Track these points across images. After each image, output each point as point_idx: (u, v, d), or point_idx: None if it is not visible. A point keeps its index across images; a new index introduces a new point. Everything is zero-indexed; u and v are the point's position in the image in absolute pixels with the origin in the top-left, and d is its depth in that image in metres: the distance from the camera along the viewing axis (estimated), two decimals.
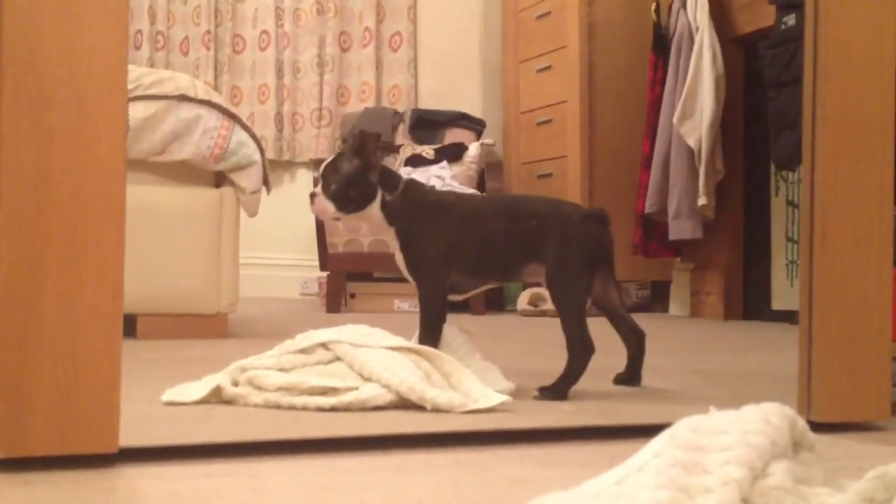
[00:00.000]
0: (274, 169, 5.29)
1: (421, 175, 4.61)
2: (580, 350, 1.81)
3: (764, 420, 0.78)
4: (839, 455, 1.34)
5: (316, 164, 4.99)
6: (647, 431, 1.44)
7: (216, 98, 3.07)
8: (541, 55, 4.91)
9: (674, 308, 4.51)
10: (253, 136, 3.07)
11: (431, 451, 1.31)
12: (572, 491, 0.78)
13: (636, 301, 4.62)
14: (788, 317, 3.69)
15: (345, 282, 4.46)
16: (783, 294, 4.01)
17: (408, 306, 4.32)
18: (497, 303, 4.70)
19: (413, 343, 1.79)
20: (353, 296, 4.50)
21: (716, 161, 4.05)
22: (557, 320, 1.85)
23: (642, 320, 2.03)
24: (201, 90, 3.04)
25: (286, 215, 5.20)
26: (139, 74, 2.97)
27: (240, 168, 3.02)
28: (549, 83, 4.84)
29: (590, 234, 1.87)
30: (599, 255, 1.88)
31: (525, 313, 4.30)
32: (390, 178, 1.99)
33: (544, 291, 2.58)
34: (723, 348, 3.07)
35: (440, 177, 4.56)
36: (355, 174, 1.95)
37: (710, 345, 3.20)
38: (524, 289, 4.40)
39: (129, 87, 2.78)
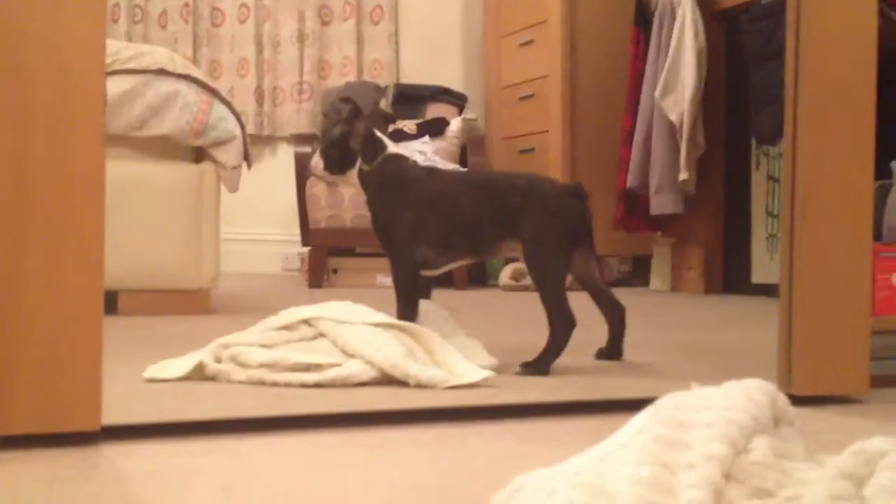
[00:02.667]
0: (255, 144, 5.23)
1: (403, 150, 4.59)
2: (561, 325, 1.81)
3: (746, 396, 0.79)
4: (820, 428, 1.35)
5: (297, 138, 4.96)
6: (630, 406, 1.45)
7: (195, 72, 3.04)
8: (522, 29, 4.89)
9: (654, 282, 4.53)
10: (233, 111, 3.04)
11: (413, 427, 1.31)
12: (554, 468, 0.79)
13: (617, 275, 4.64)
14: (768, 290, 3.71)
15: (327, 257, 4.45)
16: (763, 268, 4.03)
17: (390, 281, 4.31)
18: (479, 278, 4.71)
19: (395, 319, 1.79)
20: (335, 271, 4.49)
21: (697, 136, 4.05)
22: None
23: (623, 294, 2.04)
24: (180, 64, 3.01)
25: (267, 190, 5.17)
26: (117, 48, 2.93)
27: (220, 143, 3.00)
28: (531, 57, 4.82)
29: (568, 208, 1.87)
30: (578, 230, 1.89)
31: (507, 288, 4.31)
32: (372, 148, 2.00)
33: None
34: (703, 323, 3.09)
35: (422, 152, 4.54)
36: (338, 138, 2.02)
37: (691, 319, 3.22)
38: (506, 264, 4.41)
39: (107, 61, 2.75)
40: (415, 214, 1.95)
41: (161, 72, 2.92)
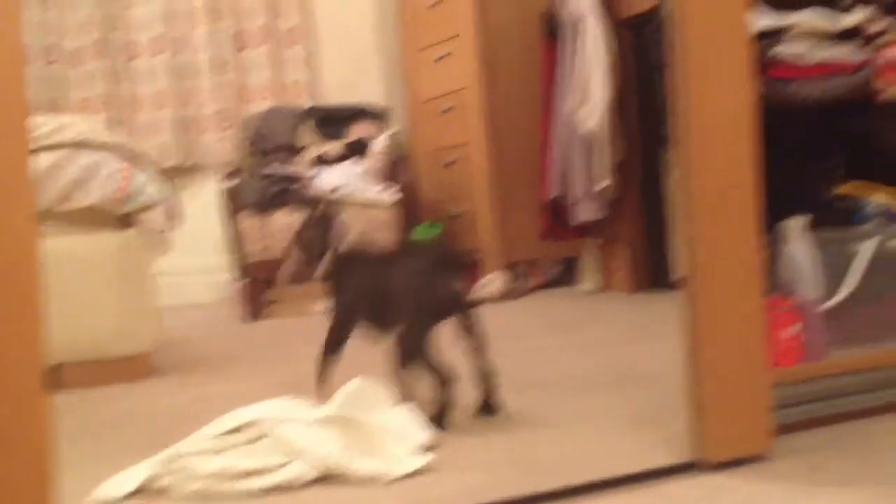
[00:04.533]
0: (180, 175, 5.26)
1: (331, 174, 4.65)
2: (443, 383, 1.99)
3: None
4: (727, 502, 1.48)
5: (224, 173, 4.96)
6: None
7: (116, 139, 3.07)
8: (438, 43, 4.95)
9: (585, 283, 4.66)
10: (156, 175, 3.08)
11: None
12: None
13: (549, 277, 4.76)
14: None
15: (264, 289, 4.50)
16: (682, 264, 4.17)
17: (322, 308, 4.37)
18: None
19: (335, 412, 1.88)
20: (273, 302, 4.54)
21: (614, 143, 4.17)
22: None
23: (554, 296, 2.18)
24: (101, 133, 3.04)
25: (195, 221, 5.16)
26: (34, 124, 2.94)
27: (144, 208, 3.04)
28: (449, 71, 4.89)
29: (435, 287, 2.05)
30: (448, 306, 2.05)
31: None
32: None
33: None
34: (618, 338, 3.13)
35: (349, 175, 4.60)
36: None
37: (608, 334, 3.26)
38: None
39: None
40: (347, 295, 2.27)
41: (81, 144, 2.94)
